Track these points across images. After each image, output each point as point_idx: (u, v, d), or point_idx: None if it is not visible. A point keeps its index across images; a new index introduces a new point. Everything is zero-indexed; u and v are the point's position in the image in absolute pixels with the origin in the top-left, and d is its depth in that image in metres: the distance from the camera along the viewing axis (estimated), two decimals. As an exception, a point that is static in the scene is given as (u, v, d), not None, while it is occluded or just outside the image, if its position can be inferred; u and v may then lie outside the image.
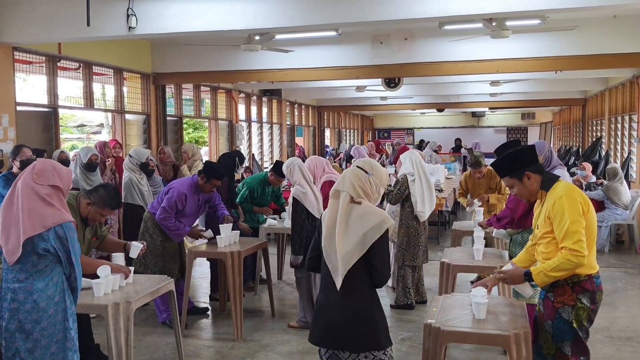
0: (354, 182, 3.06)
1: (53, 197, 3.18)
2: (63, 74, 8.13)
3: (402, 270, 6.28)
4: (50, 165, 3.28)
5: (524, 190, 3.37)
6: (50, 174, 3.21)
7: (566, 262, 3.12)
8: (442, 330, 3.18)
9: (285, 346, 5.33)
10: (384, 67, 8.98)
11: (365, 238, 2.94)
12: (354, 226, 2.98)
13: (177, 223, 5.64)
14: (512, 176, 3.37)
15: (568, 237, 3.13)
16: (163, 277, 4.51)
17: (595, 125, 15.93)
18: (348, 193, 3.05)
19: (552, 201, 3.22)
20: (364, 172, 3.11)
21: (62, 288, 3.22)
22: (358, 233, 2.95)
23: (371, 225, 2.95)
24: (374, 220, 2.97)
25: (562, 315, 3.23)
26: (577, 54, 8.11)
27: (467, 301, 3.66)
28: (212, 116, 12.50)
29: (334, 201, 3.10)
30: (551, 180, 3.34)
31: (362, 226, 2.96)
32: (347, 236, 2.96)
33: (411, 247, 6.26)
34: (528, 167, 3.33)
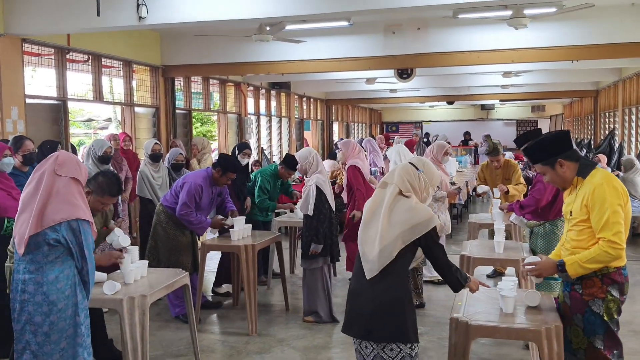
0: (404, 175, 3.05)
1: (73, 191, 3.10)
2: (72, 66, 8.03)
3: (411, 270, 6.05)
4: (73, 157, 3.24)
5: (556, 178, 3.23)
6: (73, 167, 3.15)
7: (603, 254, 3.00)
8: (470, 324, 3.07)
9: (301, 341, 5.23)
10: (397, 57, 8.83)
11: (409, 232, 2.91)
12: (398, 218, 2.94)
13: (199, 217, 5.55)
14: (544, 163, 3.22)
15: (607, 227, 3.00)
16: (177, 270, 4.43)
17: (608, 117, 15.72)
18: (397, 186, 3.03)
19: (592, 188, 3.07)
20: (415, 168, 3.08)
21: (74, 282, 3.13)
22: (402, 226, 2.92)
23: (417, 221, 2.92)
24: (422, 216, 2.94)
25: (593, 308, 3.11)
26: (594, 43, 7.94)
27: (493, 294, 3.56)
28: (221, 109, 12.39)
29: (380, 191, 3.08)
30: (589, 166, 3.19)
31: (408, 220, 2.92)
32: (391, 226, 2.93)
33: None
34: (561, 155, 3.17)
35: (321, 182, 5.51)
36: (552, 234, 4.76)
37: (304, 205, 5.61)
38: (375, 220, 2.98)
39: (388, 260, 2.89)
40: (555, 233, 4.75)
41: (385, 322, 2.89)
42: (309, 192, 5.53)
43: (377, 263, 2.91)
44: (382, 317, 2.90)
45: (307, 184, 5.61)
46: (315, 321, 5.64)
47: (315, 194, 5.46)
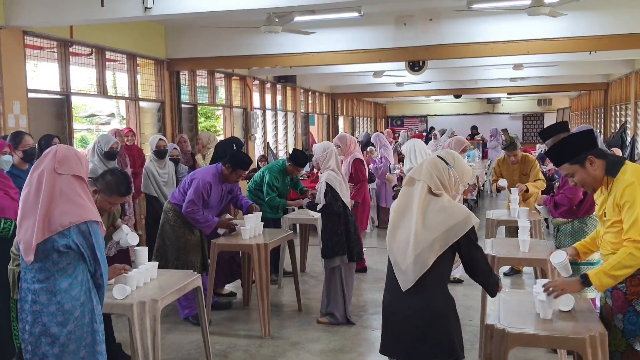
0: (432, 171, 2.77)
1: (77, 190, 2.86)
2: (75, 60, 7.81)
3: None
4: (73, 152, 2.95)
5: (586, 177, 2.96)
6: (74, 163, 2.89)
7: (629, 257, 2.77)
8: (508, 332, 2.85)
9: (317, 344, 5.02)
10: (408, 49, 8.60)
11: (447, 236, 2.64)
12: (432, 220, 2.66)
13: (206, 215, 5.33)
14: (572, 162, 2.97)
15: (635, 227, 2.78)
16: (189, 272, 4.22)
17: (620, 110, 15.45)
18: (425, 182, 2.74)
19: (622, 187, 2.86)
20: (445, 162, 2.80)
21: (88, 287, 2.91)
22: (438, 229, 2.64)
23: (455, 221, 2.65)
24: (458, 216, 2.67)
25: (636, 307, 2.89)
26: (613, 33, 7.68)
27: (527, 298, 3.34)
28: (226, 104, 12.17)
29: (407, 189, 2.80)
30: (617, 163, 2.96)
31: (444, 222, 2.66)
32: (425, 230, 2.64)
33: None
34: (590, 151, 2.93)
35: (332, 179, 5.33)
36: (580, 232, 4.54)
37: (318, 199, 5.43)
38: (406, 223, 2.72)
39: (424, 268, 2.63)
40: (584, 231, 4.53)
41: (429, 339, 2.64)
42: (320, 188, 5.38)
43: (413, 273, 2.64)
44: (425, 333, 2.65)
45: (320, 179, 5.45)
46: (330, 323, 5.44)
47: (326, 190, 5.28)
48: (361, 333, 5.32)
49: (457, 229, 2.65)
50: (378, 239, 9.52)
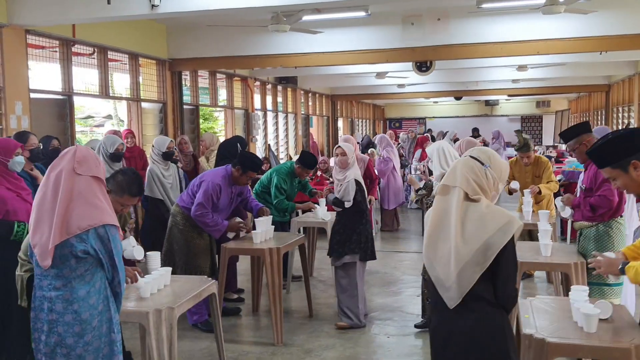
0: (468, 175, 2.53)
1: (96, 192, 2.72)
2: (77, 60, 7.65)
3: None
4: (92, 153, 2.82)
5: (630, 182, 2.79)
6: (94, 164, 2.75)
7: None
8: (548, 342, 2.72)
9: (331, 351, 4.87)
10: (416, 49, 8.47)
11: (490, 245, 2.40)
12: (473, 230, 2.43)
13: (215, 218, 5.18)
14: (614, 166, 2.79)
15: None
16: (203, 278, 4.07)
17: (622, 112, 15.38)
18: (461, 189, 2.51)
19: None
20: (480, 163, 2.56)
21: (106, 295, 2.76)
22: (480, 239, 2.41)
23: (496, 228, 2.41)
24: (498, 222, 2.42)
25: None
26: (626, 33, 7.58)
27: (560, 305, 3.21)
28: (228, 105, 12.01)
29: (442, 198, 2.56)
30: None
31: (485, 230, 2.42)
32: (466, 243, 2.42)
33: None
34: (634, 155, 2.75)
35: (359, 177, 5.44)
36: (605, 236, 4.38)
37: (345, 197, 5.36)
38: (445, 237, 2.49)
39: (470, 284, 2.41)
40: (609, 235, 4.37)
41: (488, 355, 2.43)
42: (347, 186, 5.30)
43: (458, 290, 2.42)
44: (482, 354, 2.44)
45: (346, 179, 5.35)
46: (349, 326, 5.33)
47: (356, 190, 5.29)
48: (375, 340, 5.18)
49: (500, 236, 2.41)
50: (382, 242, 9.40)
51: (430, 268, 2.56)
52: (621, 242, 4.39)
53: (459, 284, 2.43)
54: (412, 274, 7.30)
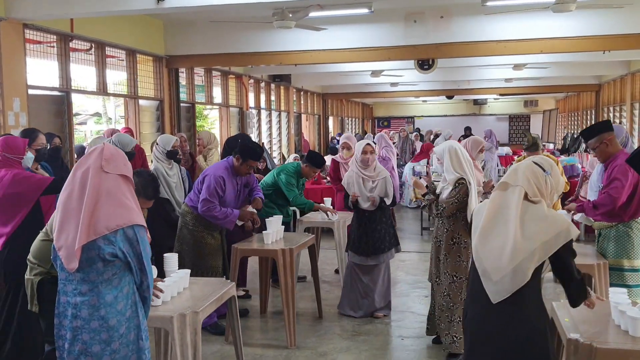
0: (530, 177, 2.61)
1: (124, 190, 2.59)
2: (75, 55, 7.46)
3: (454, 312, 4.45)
4: (120, 151, 2.71)
5: None
6: (122, 162, 2.64)
7: None
8: (596, 347, 2.64)
9: (347, 354, 4.77)
10: (418, 47, 8.40)
11: (548, 246, 2.48)
12: (533, 230, 2.49)
13: (224, 210, 5.04)
14: None
15: None
16: (222, 280, 3.96)
17: (613, 112, 15.47)
18: (522, 188, 2.57)
19: None
20: (542, 169, 2.64)
21: (134, 300, 2.63)
22: (539, 239, 2.47)
23: (555, 232, 2.48)
24: (558, 227, 2.51)
25: None
26: (629, 32, 7.58)
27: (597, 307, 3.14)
28: (223, 103, 11.85)
29: (500, 194, 2.61)
30: None
31: (545, 232, 2.49)
32: (526, 240, 2.46)
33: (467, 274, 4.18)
34: None
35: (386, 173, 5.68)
36: (625, 236, 4.33)
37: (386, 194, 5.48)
38: (500, 231, 2.54)
39: (524, 280, 2.46)
40: (629, 236, 4.32)
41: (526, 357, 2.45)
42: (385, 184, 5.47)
43: (510, 284, 2.46)
44: (522, 351, 2.45)
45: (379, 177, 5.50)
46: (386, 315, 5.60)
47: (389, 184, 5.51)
48: (390, 342, 5.09)
49: (559, 239, 2.51)
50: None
51: (478, 260, 2.59)
52: (642, 243, 4.35)
53: (512, 279, 2.47)
54: (415, 274, 7.24)
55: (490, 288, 2.51)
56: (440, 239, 4.52)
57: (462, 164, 4.42)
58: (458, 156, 4.44)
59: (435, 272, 4.59)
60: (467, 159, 4.50)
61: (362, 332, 5.25)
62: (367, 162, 5.48)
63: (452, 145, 4.57)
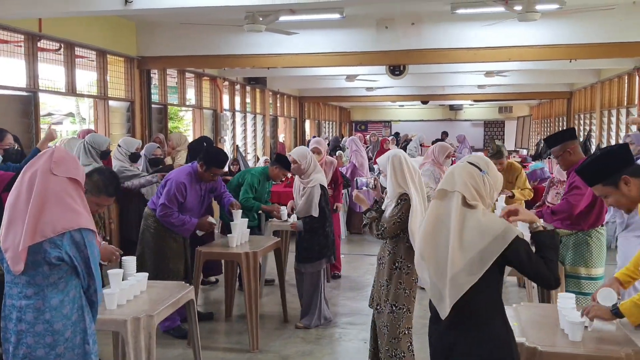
0: (467, 180, 2.47)
1: (72, 194, 2.58)
2: (43, 55, 7.37)
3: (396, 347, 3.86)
4: (71, 155, 2.69)
5: (622, 199, 2.74)
6: (72, 166, 2.62)
7: None
8: (541, 351, 2.70)
9: (309, 358, 4.80)
10: (389, 53, 8.46)
11: (485, 255, 2.34)
12: (470, 239, 2.37)
13: (181, 217, 5.03)
14: (605, 183, 2.74)
15: None
16: (181, 284, 3.95)
17: (583, 119, 15.75)
18: (460, 194, 2.44)
19: None
20: (478, 169, 2.51)
21: (80, 304, 2.61)
22: (475, 248, 2.35)
23: (492, 237, 2.34)
24: (495, 231, 2.36)
25: None
26: (594, 41, 7.73)
27: (546, 312, 3.22)
28: (196, 105, 11.80)
29: (438, 203, 2.50)
30: None
31: (482, 239, 2.35)
32: (463, 251, 2.35)
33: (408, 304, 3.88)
34: (624, 170, 2.71)
35: (323, 181, 5.43)
36: (584, 245, 4.41)
37: (305, 207, 5.30)
38: (441, 243, 2.41)
39: (460, 293, 2.34)
40: (588, 244, 4.40)
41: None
42: (312, 193, 5.29)
43: (449, 298, 2.35)
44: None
45: (308, 185, 5.31)
46: (305, 327, 5.40)
47: (319, 194, 5.31)
48: (352, 346, 5.12)
49: (496, 244, 2.36)
50: (351, 245, 9.37)
51: (422, 272, 2.51)
52: (600, 252, 4.43)
53: (450, 293, 2.37)
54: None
55: (439, 305, 2.42)
56: (383, 261, 3.93)
57: (406, 177, 3.84)
58: (402, 168, 3.87)
59: (376, 297, 3.98)
60: (414, 171, 3.93)
61: (326, 336, 5.27)
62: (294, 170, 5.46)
63: (396, 154, 3.96)
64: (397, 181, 3.84)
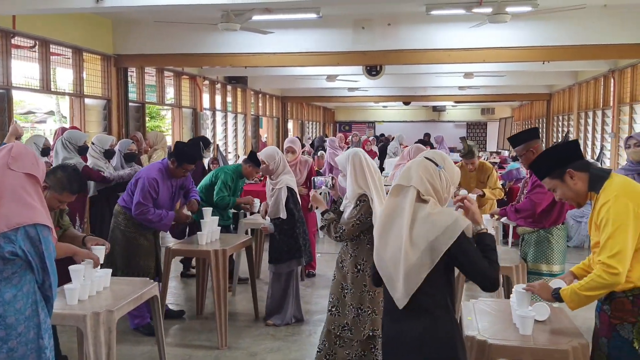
0: (423, 175, 2.50)
1: (29, 190, 2.58)
2: (17, 52, 7.34)
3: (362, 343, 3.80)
4: (30, 150, 2.69)
5: (568, 192, 2.82)
6: (30, 162, 2.61)
7: (597, 279, 2.63)
8: (490, 344, 2.75)
9: (276, 354, 4.82)
10: (366, 53, 8.53)
11: (435, 247, 2.38)
12: (420, 232, 2.41)
13: (158, 212, 5.03)
14: (552, 177, 2.83)
15: (605, 248, 2.63)
16: (145, 280, 3.96)
17: (562, 121, 15.93)
18: (415, 188, 2.48)
19: (599, 205, 2.72)
20: (434, 164, 2.55)
21: (34, 299, 2.61)
22: (425, 241, 2.39)
23: (441, 229, 2.38)
24: (444, 223, 2.39)
25: (621, 333, 2.70)
26: (567, 44, 7.85)
27: (500, 307, 3.28)
28: (175, 103, 11.79)
29: (394, 199, 2.53)
30: (600, 178, 2.77)
31: (431, 231, 2.39)
32: (414, 244, 2.40)
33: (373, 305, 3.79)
34: (570, 165, 2.79)
35: (291, 183, 5.37)
36: (545, 242, 4.48)
37: (274, 208, 5.30)
38: (395, 236, 2.46)
39: (416, 285, 2.39)
40: (549, 241, 4.47)
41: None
42: (280, 195, 5.28)
43: (404, 291, 2.40)
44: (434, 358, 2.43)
45: (276, 186, 5.30)
46: (275, 324, 5.41)
47: (288, 195, 5.28)
48: (321, 342, 5.15)
49: (445, 236, 2.39)
50: (328, 244, 9.39)
51: (380, 269, 2.55)
52: (561, 249, 4.51)
53: (405, 286, 2.41)
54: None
55: (395, 295, 2.46)
56: (345, 264, 3.84)
57: (367, 177, 3.71)
58: (362, 167, 3.73)
59: (334, 300, 3.86)
60: (374, 171, 3.80)
61: (295, 333, 5.30)
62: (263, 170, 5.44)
63: (356, 153, 3.82)
64: (357, 181, 3.72)
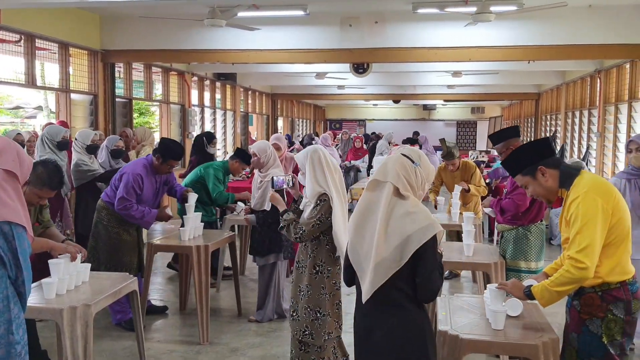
0: (399, 171, 2.55)
1: (5, 186, 2.56)
2: (1, 47, 7.31)
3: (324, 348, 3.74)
4: (13, 146, 2.62)
5: (539, 189, 2.87)
6: (11, 157, 2.57)
7: (566, 274, 2.66)
8: (461, 339, 2.79)
9: (257, 350, 4.85)
10: (353, 51, 8.54)
11: (408, 242, 2.42)
12: (395, 226, 2.45)
13: (141, 208, 5.04)
14: (524, 173, 2.89)
15: (574, 243, 2.67)
16: (125, 275, 3.96)
17: (550, 120, 16.03)
18: (392, 184, 2.52)
19: (569, 201, 2.76)
20: (410, 161, 2.59)
21: (6, 295, 2.59)
22: (400, 235, 2.43)
23: (416, 228, 2.43)
24: (420, 223, 2.45)
25: (590, 328, 2.76)
26: (552, 43, 7.91)
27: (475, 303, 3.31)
28: (163, 99, 11.76)
29: (370, 194, 2.57)
30: (570, 175, 2.82)
31: (406, 227, 2.43)
32: (388, 238, 2.44)
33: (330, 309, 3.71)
34: (541, 162, 2.84)
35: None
36: (524, 239, 4.53)
37: (261, 200, 5.33)
38: (369, 230, 2.50)
39: (383, 279, 2.43)
40: (528, 238, 4.52)
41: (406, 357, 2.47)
42: (268, 186, 5.25)
43: (371, 284, 2.44)
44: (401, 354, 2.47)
45: (265, 178, 5.33)
46: (257, 320, 5.43)
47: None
48: (303, 338, 5.17)
49: (418, 235, 2.44)
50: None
51: (353, 262, 2.58)
52: (539, 246, 4.56)
53: (373, 278, 2.45)
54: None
55: (363, 288, 2.50)
56: (303, 265, 3.74)
57: (326, 176, 3.63)
58: (322, 165, 3.64)
59: (294, 304, 3.78)
60: (335, 169, 3.72)
61: (277, 329, 5.32)
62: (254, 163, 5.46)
63: (315, 150, 3.70)
64: (317, 180, 3.63)
